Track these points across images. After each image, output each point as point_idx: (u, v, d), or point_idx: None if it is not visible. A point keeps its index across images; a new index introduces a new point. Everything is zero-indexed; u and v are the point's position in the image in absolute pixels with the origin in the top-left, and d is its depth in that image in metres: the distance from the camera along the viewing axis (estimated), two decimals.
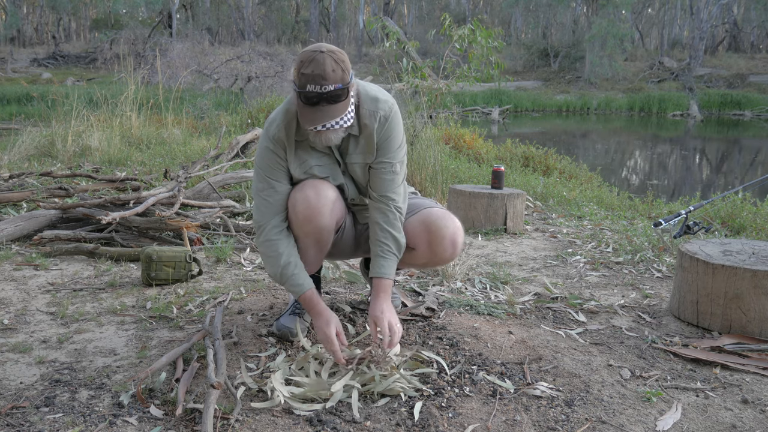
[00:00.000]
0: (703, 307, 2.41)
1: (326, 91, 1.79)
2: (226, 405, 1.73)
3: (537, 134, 15.22)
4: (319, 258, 2.18)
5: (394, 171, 2.07)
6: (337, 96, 1.81)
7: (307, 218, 2.00)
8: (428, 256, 2.15)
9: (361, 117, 2.00)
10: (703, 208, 4.06)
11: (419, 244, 2.12)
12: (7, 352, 2.08)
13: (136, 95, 8.35)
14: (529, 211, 4.94)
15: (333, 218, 2.05)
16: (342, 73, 1.81)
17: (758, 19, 32.28)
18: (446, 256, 2.14)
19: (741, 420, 1.77)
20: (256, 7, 36.39)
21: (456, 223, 2.14)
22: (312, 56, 1.80)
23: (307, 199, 1.99)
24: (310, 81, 1.78)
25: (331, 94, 1.80)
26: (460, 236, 2.13)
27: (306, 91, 1.79)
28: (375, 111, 2.00)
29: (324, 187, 2.02)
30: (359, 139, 2.03)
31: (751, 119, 22.37)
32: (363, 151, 2.05)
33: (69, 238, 3.36)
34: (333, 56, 1.81)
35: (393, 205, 2.07)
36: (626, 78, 27.99)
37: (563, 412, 1.78)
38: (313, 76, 1.78)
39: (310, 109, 1.83)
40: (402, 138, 2.09)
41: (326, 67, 1.78)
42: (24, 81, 19.59)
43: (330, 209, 2.01)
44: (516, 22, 37.15)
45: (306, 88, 1.79)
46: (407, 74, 5.40)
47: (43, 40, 36.29)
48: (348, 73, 1.84)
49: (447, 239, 2.10)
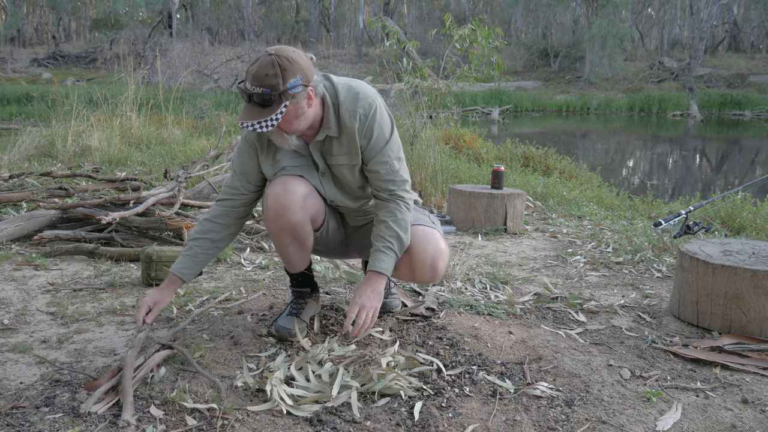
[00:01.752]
0: (703, 307, 2.41)
1: (254, 92, 1.80)
2: (226, 405, 1.73)
3: (537, 134, 15.22)
4: (302, 255, 2.16)
5: (392, 169, 2.04)
6: (265, 100, 1.81)
7: (278, 214, 2.01)
8: (409, 276, 2.16)
9: (341, 117, 1.97)
10: (703, 208, 4.06)
11: (401, 264, 2.10)
12: (7, 352, 2.08)
13: (136, 95, 8.35)
14: (529, 211, 4.94)
15: (305, 213, 2.03)
16: (275, 80, 1.78)
17: (758, 19, 32.30)
18: (426, 279, 2.13)
19: (741, 420, 1.77)
20: (256, 7, 36.40)
21: (439, 245, 2.09)
22: (261, 56, 1.83)
23: (276, 194, 2.01)
24: (248, 78, 1.83)
25: (257, 96, 1.81)
26: (443, 260, 2.10)
27: (242, 87, 1.84)
28: (354, 110, 1.96)
29: (293, 182, 2.01)
30: (341, 140, 2.01)
31: (751, 119, 22.37)
32: (347, 152, 2.02)
33: (69, 238, 3.36)
34: (278, 61, 1.79)
35: (402, 203, 2.06)
36: (626, 78, 27.99)
37: (563, 412, 1.78)
38: (250, 75, 1.82)
39: (245, 105, 1.86)
40: (390, 132, 2.04)
41: (261, 70, 1.79)
42: (24, 81, 19.60)
43: (300, 205, 2.01)
44: (516, 22, 37.15)
45: (244, 83, 1.84)
46: (407, 74, 5.40)
47: (43, 40, 36.30)
48: (283, 81, 1.79)
49: (426, 264, 2.08)
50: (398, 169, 2.05)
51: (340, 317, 2.42)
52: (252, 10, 35.26)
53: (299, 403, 1.76)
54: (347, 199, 2.15)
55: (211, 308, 2.49)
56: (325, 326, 2.33)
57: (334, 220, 2.24)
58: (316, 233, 2.15)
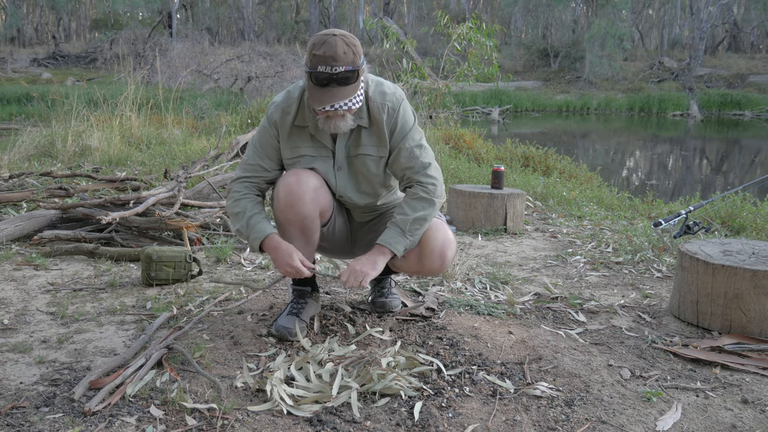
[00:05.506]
0: (703, 307, 2.41)
1: (336, 72, 1.84)
2: (226, 405, 1.73)
3: (537, 134, 15.22)
4: (308, 250, 2.16)
5: (412, 155, 2.08)
6: (346, 78, 1.85)
7: (289, 204, 2.03)
8: (417, 267, 2.17)
9: (371, 109, 2.04)
10: (703, 208, 4.06)
11: (409, 254, 2.12)
12: (7, 352, 2.08)
13: (136, 95, 8.35)
14: (529, 211, 4.94)
15: (315, 205, 2.06)
16: (353, 56, 1.86)
17: (758, 19, 32.27)
18: (434, 268, 2.15)
19: (741, 420, 1.77)
20: (256, 7, 36.38)
21: (447, 235, 2.13)
22: (324, 39, 1.85)
23: (288, 185, 2.04)
24: (321, 62, 1.84)
25: (341, 76, 1.84)
26: (450, 249, 2.13)
27: (317, 72, 1.85)
28: (383, 104, 2.04)
29: (305, 175, 2.05)
30: (371, 132, 2.07)
31: (751, 119, 22.37)
32: (376, 144, 2.08)
33: (69, 238, 3.36)
34: (345, 39, 1.86)
35: (428, 185, 2.08)
36: (626, 78, 27.98)
37: (563, 412, 1.78)
38: (325, 57, 1.83)
39: (320, 89, 1.87)
40: (414, 122, 2.11)
41: (338, 49, 1.83)
42: (24, 81, 19.59)
43: (311, 197, 2.04)
44: (516, 22, 37.13)
45: (317, 68, 1.84)
46: (406, 74, 5.40)
47: (43, 40, 36.26)
48: (359, 57, 1.88)
49: (435, 253, 2.10)
50: (419, 156, 2.09)
51: (340, 317, 2.42)
52: (252, 10, 35.24)
53: (299, 403, 1.76)
54: (356, 195, 2.17)
55: (212, 309, 2.49)
56: (325, 326, 2.33)
57: (341, 217, 2.26)
58: (323, 228, 2.17)
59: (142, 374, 1.86)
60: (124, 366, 1.93)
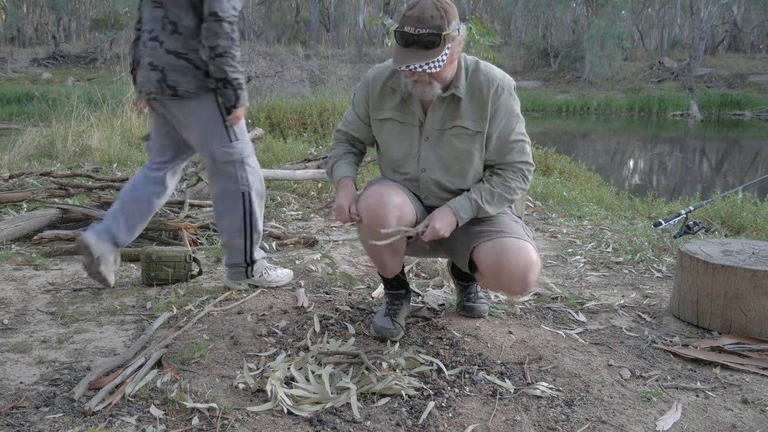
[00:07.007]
0: (703, 307, 2.41)
1: (419, 33, 1.83)
2: (226, 405, 1.73)
3: (537, 134, 15.21)
4: (395, 262, 2.18)
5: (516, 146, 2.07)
6: (429, 41, 1.84)
7: (371, 228, 2.00)
8: (495, 286, 2.13)
9: (473, 82, 2.01)
10: (703, 208, 4.06)
11: (488, 272, 2.03)
12: (7, 352, 2.08)
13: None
14: (529, 211, 4.94)
15: (401, 225, 2.01)
16: (440, 21, 1.84)
17: (758, 19, 32.27)
18: (515, 291, 2.05)
19: (741, 420, 1.77)
20: (256, 7, 36.39)
21: (531, 258, 1.98)
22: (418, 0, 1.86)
23: (370, 207, 2.00)
24: (408, 22, 1.85)
25: (423, 38, 1.83)
26: (534, 273, 1.99)
27: (402, 31, 1.85)
28: (492, 79, 2.01)
29: (388, 194, 2.00)
30: (470, 104, 2.02)
31: (751, 119, 22.37)
32: (475, 118, 2.03)
33: (69, 238, 3.35)
34: (437, 3, 1.85)
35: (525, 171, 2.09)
36: (626, 78, 27.97)
37: (563, 412, 1.78)
38: (412, 18, 1.84)
39: (402, 49, 1.88)
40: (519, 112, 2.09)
41: (425, 12, 1.83)
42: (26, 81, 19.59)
43: (397, 216, 1.99)
44: (516, 21, 37.14)
45: (403, 28, 1.85)
46: None
47: (43, 40, 36.25)
48: (448, 22, 1.85)
49: (516, 277, 1.98)
50: (522, 149, 2.08)
51: (340, 317, 2.42)
52: (252, 10, 35.25)
53: (299, 403, 1.76)
54: (442, 172, 2.10)
55: (212, 309, 2.50)
56: (325, 326, 2.33)
57: None
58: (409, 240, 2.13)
59: (142, 374, 1.86)
60: (124, 366, 1.93)
